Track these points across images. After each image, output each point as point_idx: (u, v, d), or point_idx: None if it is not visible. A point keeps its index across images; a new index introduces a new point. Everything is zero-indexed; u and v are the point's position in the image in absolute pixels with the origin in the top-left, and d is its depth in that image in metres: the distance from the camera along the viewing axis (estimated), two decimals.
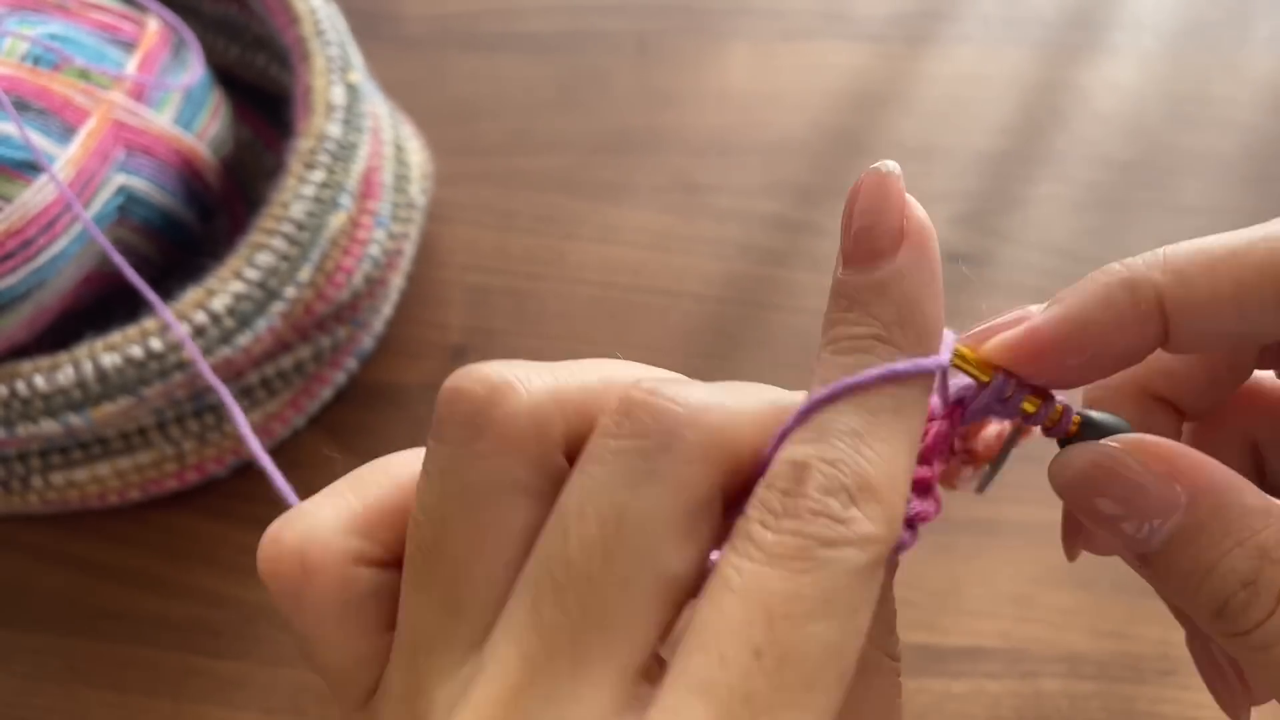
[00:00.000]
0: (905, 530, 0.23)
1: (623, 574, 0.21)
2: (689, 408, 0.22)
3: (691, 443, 0.22)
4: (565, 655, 0.21)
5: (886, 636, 0.24)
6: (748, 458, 0.22)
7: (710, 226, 0.65)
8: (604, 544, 0.21)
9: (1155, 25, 0.72)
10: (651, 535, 0.21)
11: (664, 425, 0.22)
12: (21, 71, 0.50)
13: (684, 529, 0.22)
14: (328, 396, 0.59)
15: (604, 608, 0.21)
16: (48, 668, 0.54)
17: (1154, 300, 0.25)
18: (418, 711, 0.22)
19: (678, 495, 0.21)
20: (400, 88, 0.68)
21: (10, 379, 0.49)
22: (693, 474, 0.22)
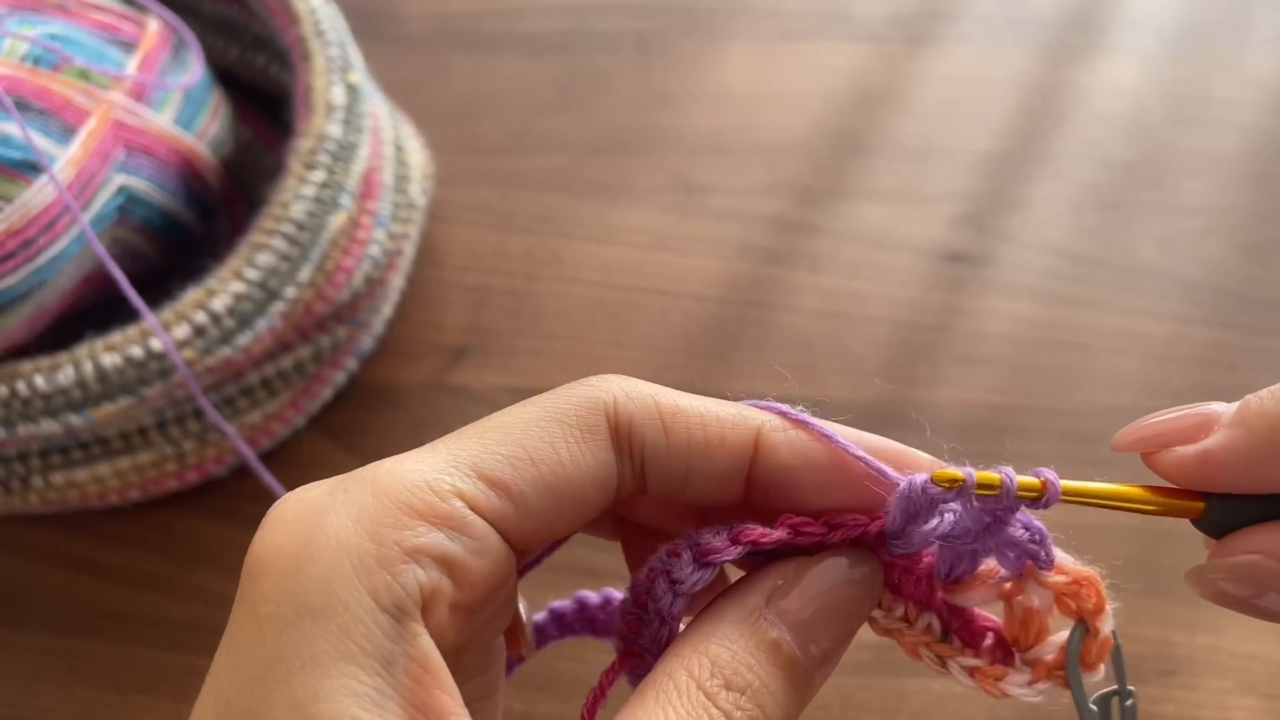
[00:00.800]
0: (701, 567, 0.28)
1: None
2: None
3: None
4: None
5: (691, 660, 0.27)
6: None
7: (710, 226, 0.65)
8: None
9: (1155, 25, 0.72)
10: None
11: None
12: (22, 71, 0.50)
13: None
14: (328, 396, 0.59)
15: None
16: (48, 668, 0.54)
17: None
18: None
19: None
20: (400, 88, 0.68)
21: (10, 379, 0.49)
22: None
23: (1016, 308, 0.62)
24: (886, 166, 0.67)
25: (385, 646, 0.24)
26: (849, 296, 0.63)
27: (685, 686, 0.26)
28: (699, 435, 0.28)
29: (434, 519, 0.25)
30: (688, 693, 0.26)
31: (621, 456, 0.28)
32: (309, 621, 0.24)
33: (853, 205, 0.66)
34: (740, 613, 0.27)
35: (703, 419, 0.29)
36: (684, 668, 0.26)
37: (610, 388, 0.28)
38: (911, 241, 0.64)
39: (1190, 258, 0.64)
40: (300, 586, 0.24)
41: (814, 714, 0.51)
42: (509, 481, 0.26)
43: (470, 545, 0.26)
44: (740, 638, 0.27)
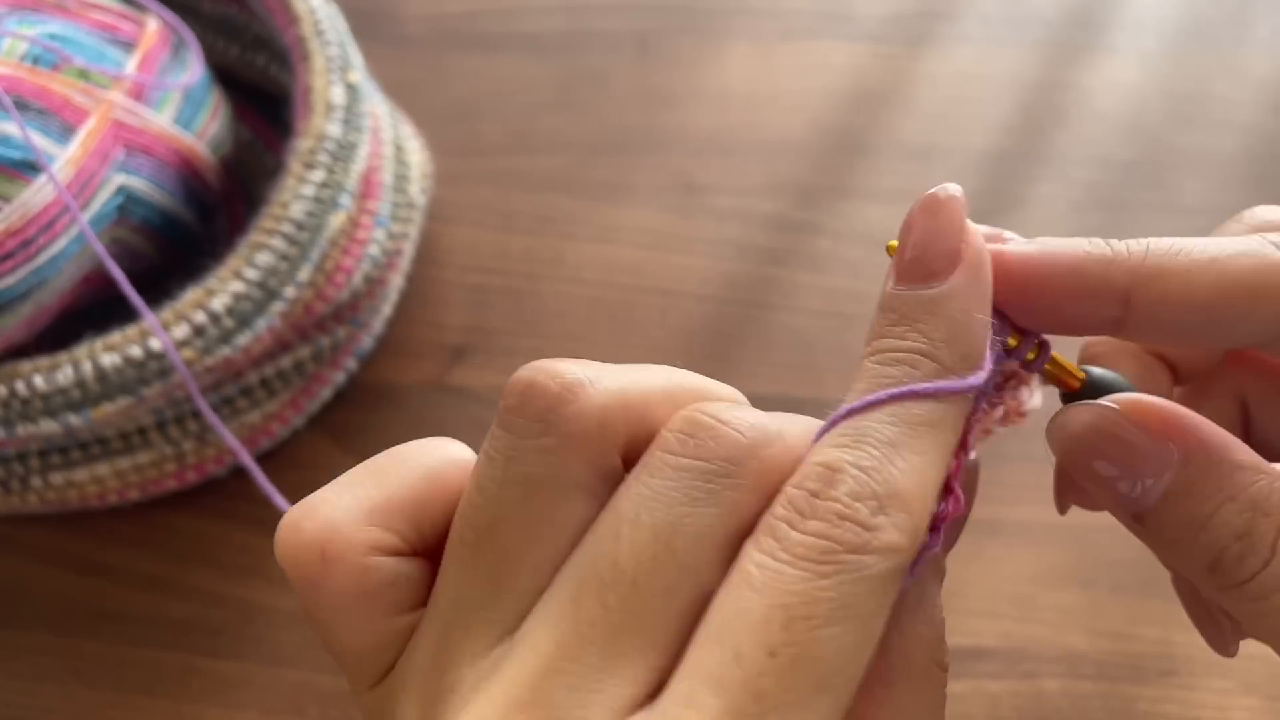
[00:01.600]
0: (929, 533, 0.23)
1: (667, 583, 0.22)
2: (752, 439, 0.23)
3: (751, 471, 0.23)
4: (597, 648, 0.21)
5: (937, 646, 0.24)
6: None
7: (710, 226, 0.65)
8: (654, 552, 0.22)
9: (1155, 25, 0.72)
10: (700, 553, 0.22)
11: (727, 452, 0.23)
12: (21, 71, 0.50)
13: (728, 551, 0.22)
14: (328, 396, 0.59)
15: (643, 611, 0.22)
16: (47, 668, 0.54)
17: (1122, 288, 0.26)
18: (445, 685, 0.23)
19: (728, 519, 0.22)
20: (400, 88, 0.68)
21: (10, 379, 0.49)
22: (746, 502, 0.22)
23: None
24: (887, 166, 0.67)
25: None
26: (849, 296, 0.62)
27: (925, 669, 0.24)
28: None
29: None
30: (928, 675, 0.24)
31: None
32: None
33: (853, 205, 0.66)
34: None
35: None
36: (919, 647, 0.24)
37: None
38: None
39: None
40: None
41: None
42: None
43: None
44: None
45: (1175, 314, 0.25)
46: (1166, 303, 0.25)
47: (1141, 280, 0.25)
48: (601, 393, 0.23)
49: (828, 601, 0.21)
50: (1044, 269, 0.26)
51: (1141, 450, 0.26)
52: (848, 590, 0.21)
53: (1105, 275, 0.25)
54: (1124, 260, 0.26)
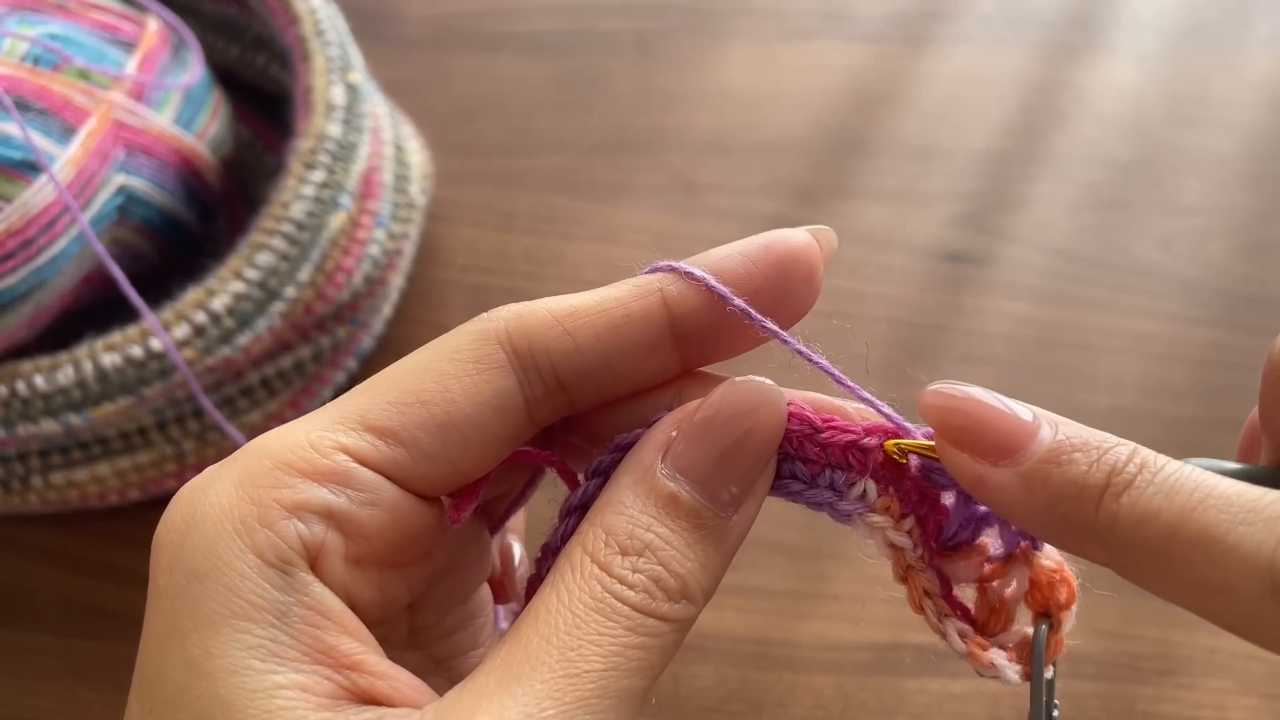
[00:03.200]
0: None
1: None
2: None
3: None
4: None
5: (599, 542, 0.26)
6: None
7: (710, 226, 0.65)
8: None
9: (1155, 25, 0.72)
10: None
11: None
12: (21, 71, 0.50)
13: None
14: (328, 396, 0.59)
15: None
16: (47, 668, 0.54)
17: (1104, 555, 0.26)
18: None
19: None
20: (400, 88, 0.68)
21: (10, 379, 0.49)
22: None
23: (1017, 307, 0.62)
24: (887, 166, 0.67)
25: (276, 599, 0.24)
26: (849, 296, 0.63)
27: (580, 563, 0.25)
28: (603, 321, 0.28)
29: (314, 475, 0.25)
30: (581, 568, 0.25)
31: (529, 376, 0.27)
32: (196, 585, 0.24)
33: (853, 205, 0.66)
34: (634, 475, 0.26)
35: (601, 305, 0.28)
36: (579, 544, 0.26)
37: (499, 314, 0.28)
38: (912, 241, 0.64)
39: (1190, 258, 0.64)
40: (187, 554, 0.25)
41: (814, 714, 0.51)
42: (397, 428, 0.26)
43: (358, 497, 0.26)
44: (635, 500, 0.26)
45: (1157, 593, 0.25)
46: (1143, 585, 0.25)
47: (1120, 566, 0.25)
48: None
49: (422, 343, 0.28)
50: (1025, 513, 0.26)
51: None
52: (442, 340, 0.28)
53: (1082, 544, 0.25)
54: (1104, 538, 0.25)
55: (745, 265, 0.28)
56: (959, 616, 0.29)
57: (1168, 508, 0.23)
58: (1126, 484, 0.24)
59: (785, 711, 0.51)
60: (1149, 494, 0.24)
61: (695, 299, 0.28)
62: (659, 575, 0.25)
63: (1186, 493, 0.23)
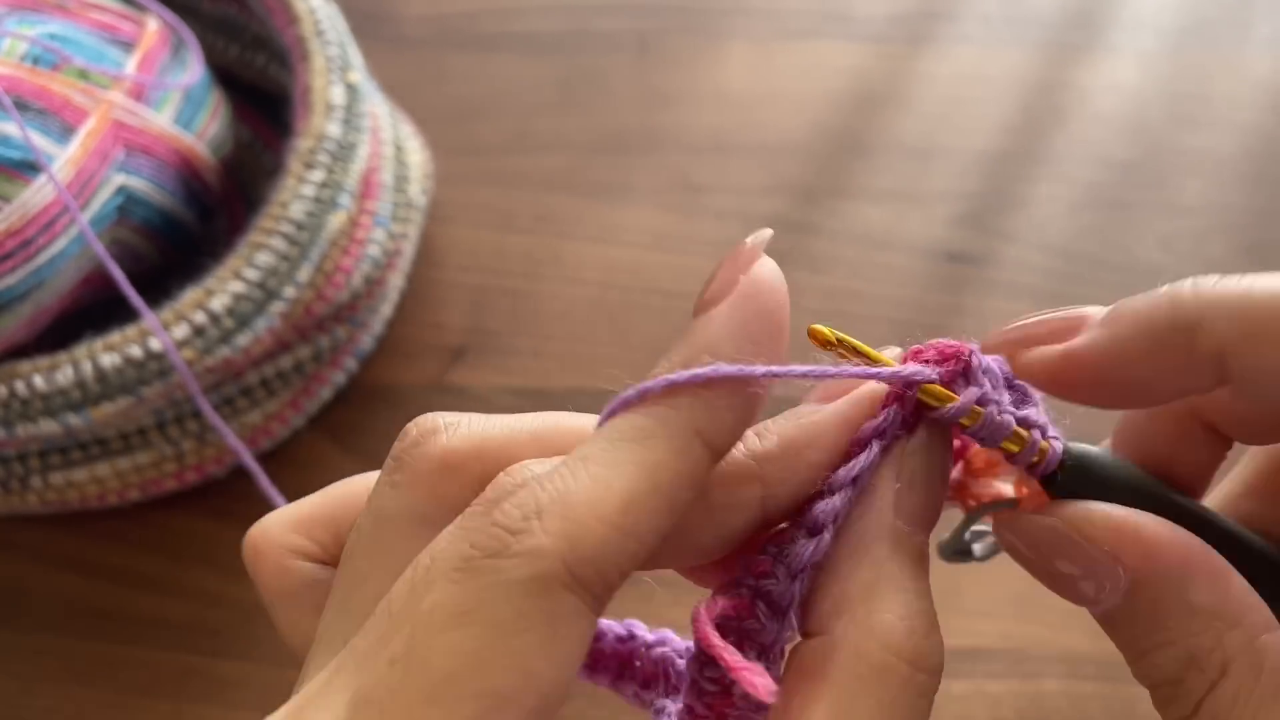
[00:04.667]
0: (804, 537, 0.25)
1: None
2: (543, 511, 0.21)
3: (534, 542, 0.21)
4: (349, 672, 0.21)
5: (904, 639, 0.24)
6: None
7: (710, 226, 0.65)
8: (412, 583, 0.22)
9: (1155, 25, 0.72)
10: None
11: (514, 524, 0.21)
12: (21, 71, 0.50)
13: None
14: (327, 396, 0.59)
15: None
16: (46, 668, 0.54)
17: (1214, 351, 0.25)
18: (298, 695, 0.23)
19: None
20: (400, 88, 0.68)
21: (10, 379, 0.49)
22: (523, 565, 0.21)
23: (1016, 307, 0.62)
24: (886, 166, 0.67)
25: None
26: (849, 296, 0.62)
27: (881, 663, 0.24)
28: (662, 512, 0.22)
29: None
30: (885, 670, 0.24)
31: (599, 604, 0.22)
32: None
33: (853, 205, 0.66)
34: (886, 540, 0.25)
35: (653, 494, 0.22)
36: (870, 637, 0.24)
37: (544, 545, 0.21)
38: (911, 241, 0.64)
39: (1190, 258, 0.64)
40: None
41: None
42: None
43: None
44: (901, 570, 0.24)
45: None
46: (1267, 361, 0.24)
47: (1230, 339, 0.24)
48: (454, 437, 0.25)
49: (450, 606, 0.20)
50: (1125, 352, 0.25)
51: (1098, 560, 0.25)
52: (475, 595, 0.20)
53: (1189, 342, 0.24)
54: (1197, 316, 0.24)
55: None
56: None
57: (1231, 281, 0.26)
58: (1192, 283, 0.25)
59: None
60: (1213, 279, 0.26)
61: (793, 479, 0.25)
62: (927, 629, 0.25)
63: (1246, 276, 0.25)
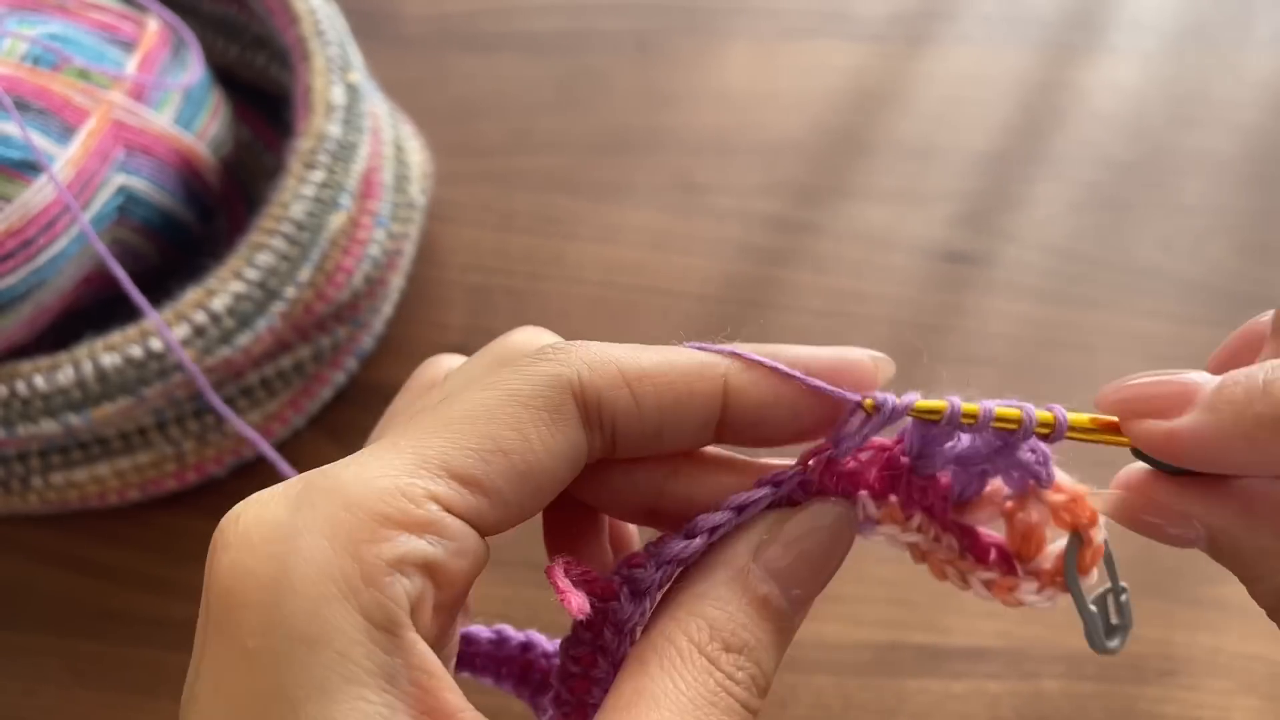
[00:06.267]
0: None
1: None
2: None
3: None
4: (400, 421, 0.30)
5: (710, 631, 0.27)
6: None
7: (710, 226, 0.65)
8: None
9: (1155, 25, 0.72)
10: None
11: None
12: (21, 71, 0.50)
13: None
14: (328, 396, 0.59)
15: None
16: (47, 668, 0.54)
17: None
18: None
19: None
20: (400, 88, 0.68)
21: (10, 379, 0.49)
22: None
23: (1017, 307, 0.62)
24: (886, 166, 0.67)
25: (385, 662, 0.24)
26: (849, 296, 0.62)
27: (687, 651, 0.26)
28: (667, 393, 0.28)
29: (412, 527, 0.25)
30: (690, 658, 0.26)
31: (591, 430, 0.28)
32: (305, 650, 0.23)
33: (853, 205, 0.66)
34: (729, 571, 0.28)
35: (669, 377, 0.28)
36: (682, 631, 0.26)
37: (572, 360, 0.28)
38: (912, 241, 0.64)
39: (1190, 258, 0.64)
40: (286, 616, 0.24)
41: (814, 714, 0.51)
42: (481, 478, 0.26)
43: (450, 547, 0.25)
44: (733, 597, 0.27)
45: None
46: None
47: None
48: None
49: (484, 377, 0.28)
50: (1222, 444, 0.26)
51: (1174, 514, 0.28)
52: (507, 373, 0.27)
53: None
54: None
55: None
56: (993, 556, 0.30)
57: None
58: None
59: (786, 712, 0.51)
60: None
61: (753, 390, 0.29)
62: (755, 674, 0.27)
63: None
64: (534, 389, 0.27)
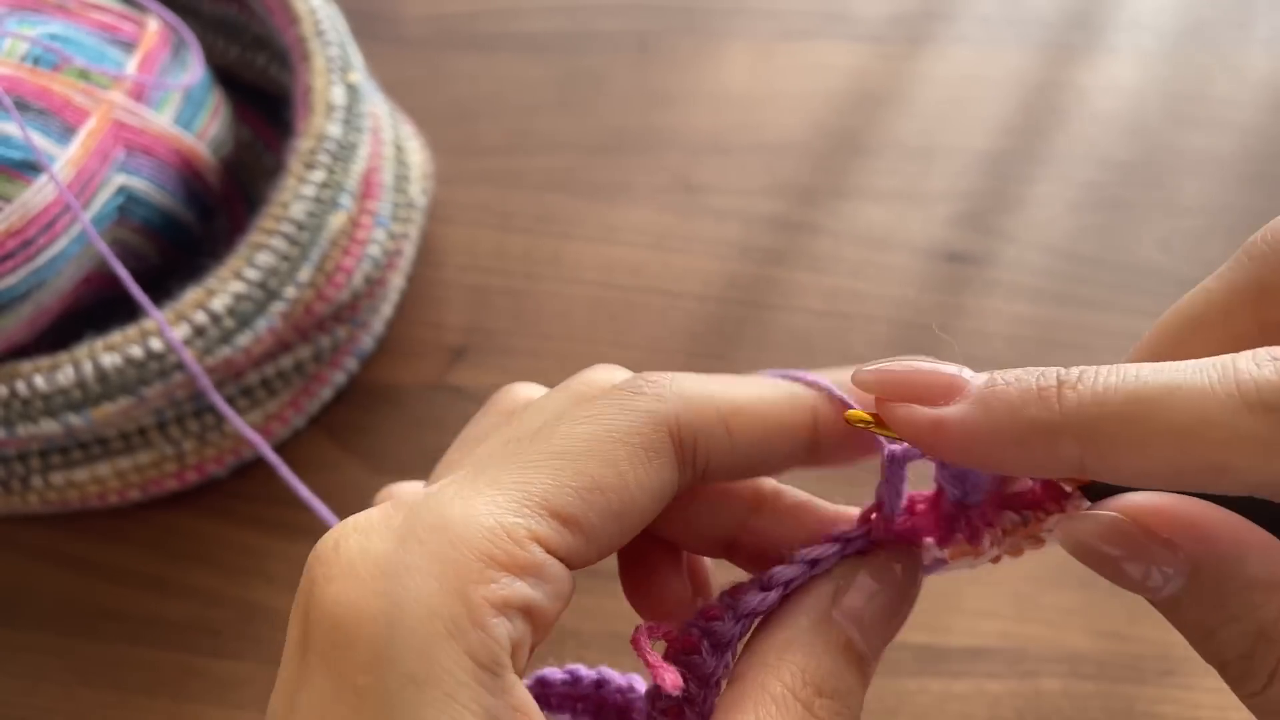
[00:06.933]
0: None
1: None
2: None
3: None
4: (489, 447, 0.29)
5: (803, 679, 0.27)
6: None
7: (710, 226, 0.65)
8: None
9: (1155, 25, 0.72)
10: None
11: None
12: (21, 71, 0.50)
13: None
14: (328, 396, 0.59)
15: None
16: (47, 668, 0.54)
17: (1073, 459, 0.24)
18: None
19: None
20: (400, 88, 0.68)
21: (10, 379, 0.49)
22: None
23: (1016, 308, 0.62)
24: (886, 166, 0.67)
25: (490, 703, 0.24)
26: (849, 296, 0.63)
27: (781, 696, 0.26)
28: (759, 427, 0.28)
29: (515, 568, 0.25)
30: (786, 703, 0.26)
31: (684, 467, 0.28)
32: (413, 691, 0.23)
33: (853, 205, 0.66)
34: (813, 617, 0.28)
35: (761, 411, 0.28)
36: (776, 678, 0.27)
37: (667, 395, 0.27)
38: (911, 241, 0.64)
39: (1190, 258, 0.64)
40: (397, 654, 0.24)
41: None
42: (580, 517, 0.26)
43: (550, 591, 0.25)
44: (820, 643, 0.27)
45: (1138, 479, 0.24)
46: (1122, 474, 0.24)
47: (1093, 453, 0.24)
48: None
49: (581, 410, 0.27)
50: (989, 441, 0.25)
51: (1155, 550, 0.26)
52: (603, 408, 0.27)
53: (1052, 445, 0.24)
54: (1073, 427, 0.24)
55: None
56: (1031, 498, 0.30)
57: (1124, 379, 0.24)
58: (1076, 377, 0.24)
59: None
60: (1102, 375, 0.24)
61: (839, 426, 0.29)
62: (848, 718, 0.27)
63: (1135, 369, 0.24)
64: (631, 425, 0.27)
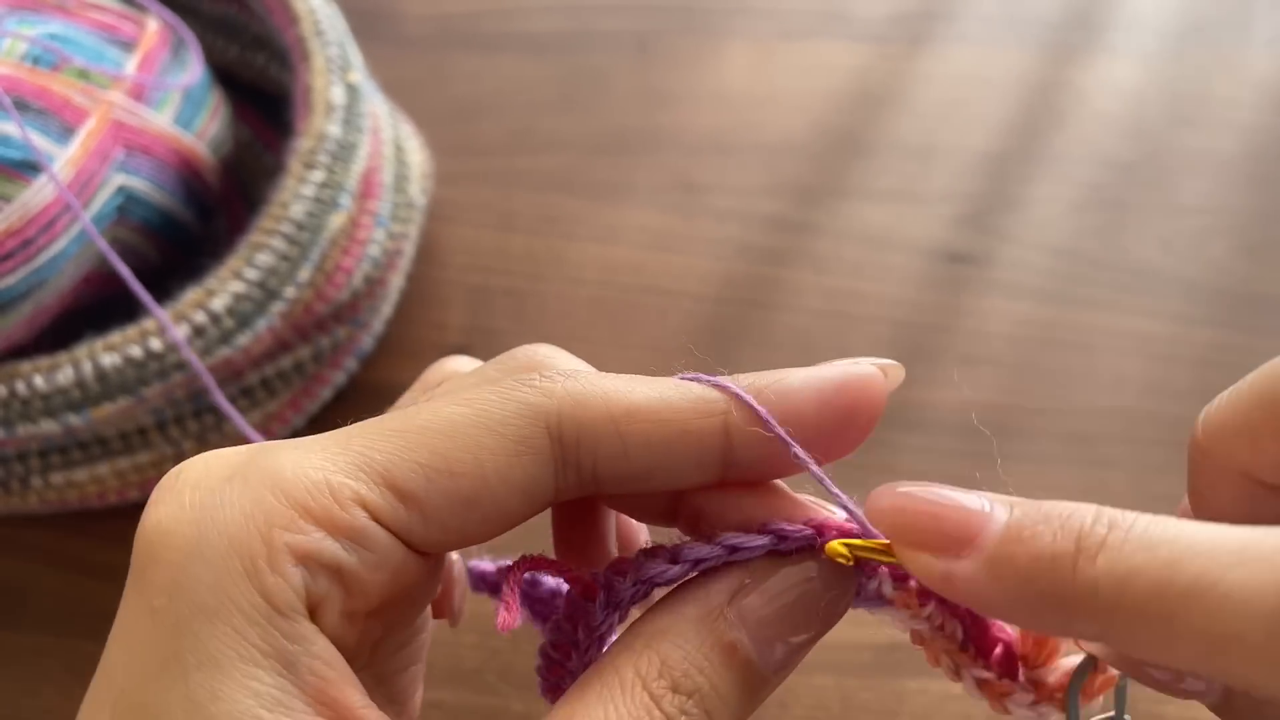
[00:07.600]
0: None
1: None
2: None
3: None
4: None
5: (653, 670, 0.26)
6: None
7: (710, 226, 0.65)
8: None
9: (1155, 25, 0.72)
10: None
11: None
12: (21, 71, 0.50)
13: None
14: (328, 396, 0.59)
15: None
16: (47, 668, 0.54)
17: (1096, 633, 0.23)
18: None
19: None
20: (400, 88, 0.68)
21: (10, 379, 0.49)
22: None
23: (1017, 308, 0.62)
24: (886, 166, 0.67)
25: (284, 647, 0.24)
26: (849, 296, 0.63)
27: (630, 683, 0.25)
28: (658, 433, 0.26)
29: (329, 526, 0.24)
30: (632, 691, 0.25)
31: (568, 469, 0.26)
32: (203, 621, 0.24)
33: (853, 205, 0.66)
34: (700, 610, 0.26)
35: (660, 413, 0.26)
36: (632, 664, 0.25)
37: (555, 392, 0.26)
38: (912, 241, 0.64)
39: (1190, 258, 0.64)
40: (191, 583, 0.24)
41: (814, 714, 0.51)
42: (420, 495, 0.25)
43: (366, 558, 0.25)
44: (697, 637, 0.25)
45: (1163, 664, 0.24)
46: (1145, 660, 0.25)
47: (1111, 639, 0.22)
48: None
49: (460, 391, 0.27)
50: (1001, 604, 0.24)
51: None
52: (484, 392, 0.26)
53: (1066, 623, 0.23)
54: (1087, 610, 0.22)
55: (816, 407, 0.27)
56: (998, 653, 0.28)
57: (1150, 562, 0.21)
58: (1099, 545, 0.22)
59: (786, 712, 0.51)
60: (1126, 551, 0.22)
61: (754, 433, 0.27)
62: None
63: (1167, 543, 0.21)
64: (505, 416, 0.26)
